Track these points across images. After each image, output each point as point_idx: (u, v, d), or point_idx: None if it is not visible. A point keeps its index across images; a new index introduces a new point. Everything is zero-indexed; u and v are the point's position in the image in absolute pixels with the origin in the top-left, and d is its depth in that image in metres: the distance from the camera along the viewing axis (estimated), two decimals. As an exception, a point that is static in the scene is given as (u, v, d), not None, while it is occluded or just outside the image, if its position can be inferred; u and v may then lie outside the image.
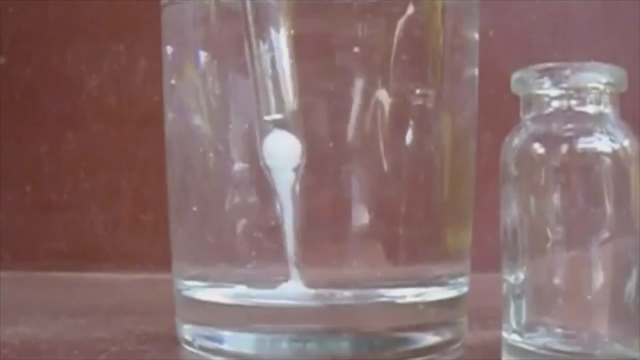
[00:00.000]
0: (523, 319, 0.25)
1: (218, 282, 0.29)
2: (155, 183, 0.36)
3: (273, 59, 0.26)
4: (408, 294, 0.28)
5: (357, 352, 0.27)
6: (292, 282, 0.27)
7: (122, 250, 0.54)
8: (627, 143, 0.24)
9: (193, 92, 0.29)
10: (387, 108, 0.27)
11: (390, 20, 0.27)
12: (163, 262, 0.32)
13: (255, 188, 0.28)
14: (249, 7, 0.27)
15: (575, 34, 0.55)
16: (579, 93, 0.24)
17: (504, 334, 0.25)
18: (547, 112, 0.25)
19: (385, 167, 0.27)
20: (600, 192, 0.24)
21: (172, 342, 0.30)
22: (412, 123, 0.28)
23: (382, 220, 0.28)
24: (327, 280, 0.28)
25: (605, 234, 0.24)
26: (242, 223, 0.28)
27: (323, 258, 0.28)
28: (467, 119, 0.30)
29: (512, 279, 0.25)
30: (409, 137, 0.28)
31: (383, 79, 0.27)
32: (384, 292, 0.28)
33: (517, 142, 0.25)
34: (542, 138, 0.24)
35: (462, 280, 0.30)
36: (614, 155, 0.24)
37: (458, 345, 0.29)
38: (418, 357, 0.28)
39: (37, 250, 0.55)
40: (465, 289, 0.30)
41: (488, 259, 0.30)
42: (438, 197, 0.29)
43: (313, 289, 0.27)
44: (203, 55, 0.28)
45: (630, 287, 0.24)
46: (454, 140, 0.29)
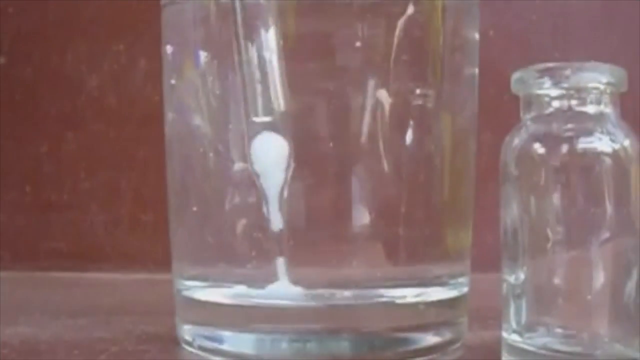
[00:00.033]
0: (523, 319, 0.25)
1: (218, 282, 0.29)
2: (155, 183, 0.36)
3: (262, 60, 0.26)
4: (408, 294, 0.28)
5: (357, 352, 0.27)
6: (280, 282, 0.27)
7: (122, 250, 0.54)
8: (627, 143, 0.24)
9: (193, 92, 0.29)
10: (387, 108, 0.27)
11: (391, 20, 0.27)
12: (163, 262, 0.32)
13: (255, 188, 0.27)
14: (239, 7, 0.27)
15: (576, 34, 0.55)
16: (580, 93, 0.24)
17: (504, 334, 0.25)
18: (547, 112, 0.25)
19: (386, 167, 0.27)
20: (601, 192, 0.24)
21: (172, 342, 0.30)
22: (412, 123, 0.28)
23: (382, 220, 0.28)
24: (327, 280, 0.28)
25: (606, 234, 0.24)
26: (242, 223, 0.28)
27: (323, 258, 0.28)
28: (467, 119, 0.30)
29: (512, 279, 0.25)
30: (409, 137, 0.28)
31: (383, 79, 0.27)
32: (384, 292, 0.28)
33: (517, 142, 0.25)
34: (542, 138, 0.24)
35: (462, 280, 0.30)
36: (615, 155, 0.24)
37: (458, 346, 0.29)
38: (418, 357, 0.28)
39: (37, 250, 0.55)
40: (466, 289, 0.30)
41: (488, 259, 0.30)
42: (438, 197, 0.29)
43: (300, 288, 0.27)
44: (203, 55, 0.28)
45: (631, 287, 0.24)
46: (454, 140, 0.29)
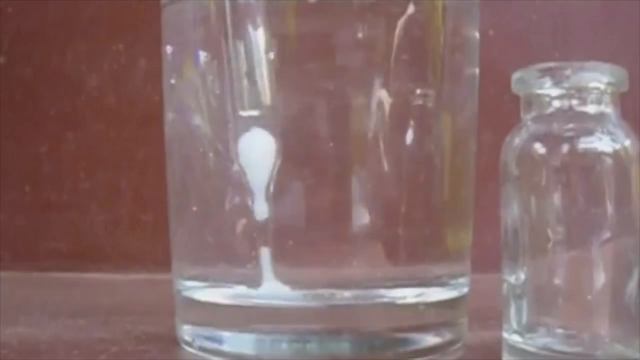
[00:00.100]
0: (524, 320, 0.25)
1: (218, 282, 0.29)
2: (155, 183, 0.36)
3: (249, 55, 0.26)
4: (408, 295, 0.28)
5: (357, 352, 0.27)
6: (268, 282, 0.27)
7: (122, 250, 0.54)
8: (628, 143, 0.24)
9: (193, 92, 0.29)
10: (387, 108, 0.27)
11: (391, 20, 0.27)
12: (163, 262, 0.32)
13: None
14: (228, 5, 0.27)
15: (576, 34, 0.55)
16: (580, 93, 0.24)
17: (505, 335, 0.25)
18: (547, 112, 0.25)
19: (386, 167, 0.27)
20: (601, 192, 0.24)
21: (171, 342, 0.30)
22: (412, 123, 0.28)
23: (382, 220, 0.28)
24: (327, 280, 0.28)
25: (606, 234, 0.24)
26: (242, 223, 0.28)
27: (323, 258, 0.28)
28: (467, 119, 0.30)
29: (512, 279, 0.25)
30: (409, 136, 0.28)
31: (383, 79, 0.27)
32: (384, 292, 0.28)
33: (517, 142, 0.25)
34: (542, 138, 0.24)
35: (462, 281, 0.29)
36: (615, 155, 0.24)
37: (458, 346, 0.29)
38: (418, 357, 0.28)
39: (37, 250, 0.55)
40: (466, 290, 0.30)
41: (488, 259, 0.30)
42: (438, 197, 0.29)
43: (289, 287, 0.27)
44: (203, 55, 0.28)
45: (631, 287, 0.24)
46: (454, 140, 0.29)
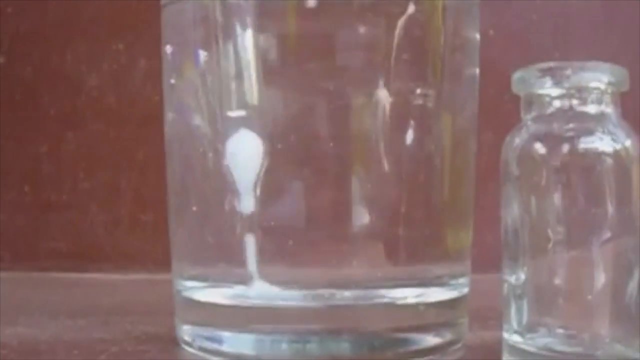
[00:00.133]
0: (524, 320, 0.25)
1: (217, 282, 0.29)
2: (155, 183, 0.36)
3: (238, 56, 0.27)
4: (408, 295, 0.28)
5: (357, 352, 0.27)
6: (256, 282, 0.27)
7: (121, 251, 0.54)
8: (628, 143, 0.24)
9: (193, 91, 0.29)
10: (387, 108, 0.27)
11: (391, 20, 0.27)
12: (163, 262, 0.32)
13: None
14: (218, 6, 0.27)
15: (576, 34, 0.55)
16: (580, 93, 0.24)
17: (505, 335, 0.25)
18: (548, 111, 0.25)
19: (386, 167, 0.27)
20: (602, 192, 0.24)
21: (171, 342, 0.30)
22: (412, 123, 0.28)
23: (382, 221, 0.28)
24: (327, 280, 0.28)
25: (607, 234, 0.24)
26: (241, 223, 0.28)
27: (323, 258, 0.28)
28: (467, 119, 0.30)
29: (513, 280, 0.25)
30: (409, 136, 0.28)
31: (383, 79, 0.27)
32: (384, 292, 0.28)
33: (518, 142, 0.25)
34: (543, 138, 0.24)
35: (462, 281, 0.29)
36: (616, 155, 0.24)
37: (459, 346, 0.29)
38: (418, 357, 0.28)
39: (36, 251, 0.55)
40: (466, 290, 0.30)
41: (489, 259, 0.30)
42: (438, 197, 0.29)
43: (277, 287, 0.27)
44: (203, 55, 0.28)
45: (632, 287, 0.24)
46: (454, 140, 0.29)
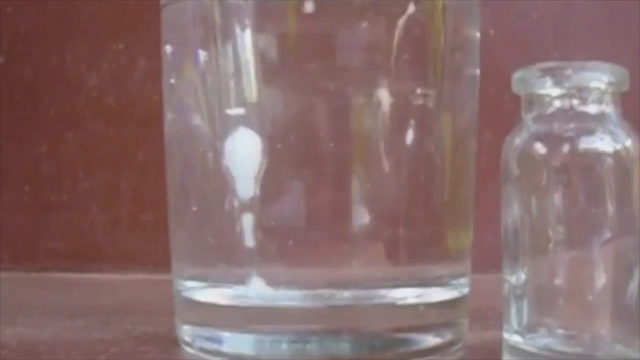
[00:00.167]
0: (524, 320, 0.25)
1: (217, 282, 0.29)
2: (155, 183, 0.36)
3: (236, 55, 0.27)
4: (408, 295, 0.28)
5: (357, 353, 0.27)
6: (256, 282, 0.27)
7: (121, 251, 0.54)
8: (629, 143, 0.24)
9: (192, 91, 0.29)
10: (387, 108, 0.27)
11: (391, 20, 0.27)
12: (163, 262, 0.32)
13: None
14: (217, 6, 0.27)
15: (576, 34, 0.55)
16: (581, 93, 0.24)
17: (505, 335, 0.25)
18: (548, 111, 0.25)
19: (386, 167, 0.27)
20: (602, 192, 0.24)
21: (171, 343, 0.30)
22: (412, 123, 0.28)
23: (382, 221, 0.28)
24: (327, 281, 0.28)
25: (607, 234, 0.24)
26: (240, 223, 0.28)
27: (323, 258, 0.28)
28: (467, 119, 0.30)
29: (513, 280, 0.25)
30: (410, 136, 0.28)
31: (383, 79, 0.27)
32: (384, 292, 0.28)
33: (518, 141, 0.25)
34: (543, 138, 0.24)
35: (462, 281, 0.29)
36: (616, 155, 0.24)
37: (459, 346, 0.29)
38: (419, 358, 0.27)
39: (36, 251, 0.55)
40: (466, 290, 0.30)
41: (489, 260, 0.30)
42: (438, 197, 0.29)
43: (277, 287, 0.27)
44: (202, 55, 0.28)
45: (632, 287, 0.24)
46: (455, 140, 0.29)
